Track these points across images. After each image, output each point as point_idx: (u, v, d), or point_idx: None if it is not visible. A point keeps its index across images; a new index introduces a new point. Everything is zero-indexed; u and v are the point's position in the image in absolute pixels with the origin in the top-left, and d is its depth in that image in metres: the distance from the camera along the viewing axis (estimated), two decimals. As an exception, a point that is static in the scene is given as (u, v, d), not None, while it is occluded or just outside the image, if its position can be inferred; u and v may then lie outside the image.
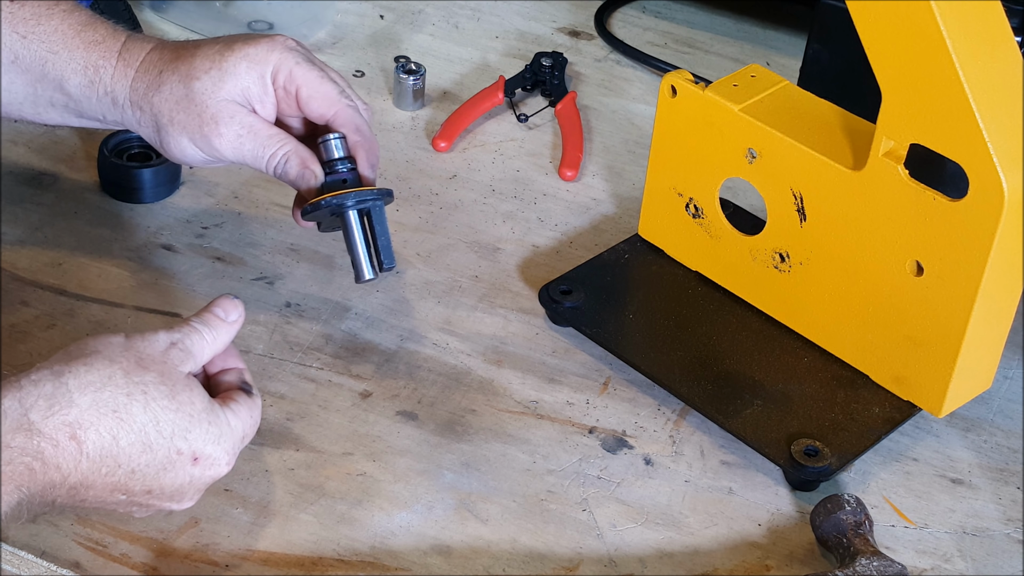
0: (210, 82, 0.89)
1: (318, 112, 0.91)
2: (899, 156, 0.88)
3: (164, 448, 0.74)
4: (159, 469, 0.75)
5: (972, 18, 0.83)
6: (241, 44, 0.90)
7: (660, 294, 1.03)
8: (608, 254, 1.06)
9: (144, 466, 0.74)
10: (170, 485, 0.76)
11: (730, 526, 0.88)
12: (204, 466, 0.76)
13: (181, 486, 0.76)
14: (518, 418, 0.94)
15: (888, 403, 0.94)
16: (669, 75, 0.98)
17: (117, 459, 0.73)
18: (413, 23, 1.35)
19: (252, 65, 0.90)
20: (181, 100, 0.89)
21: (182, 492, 0.77)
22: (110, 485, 0.74)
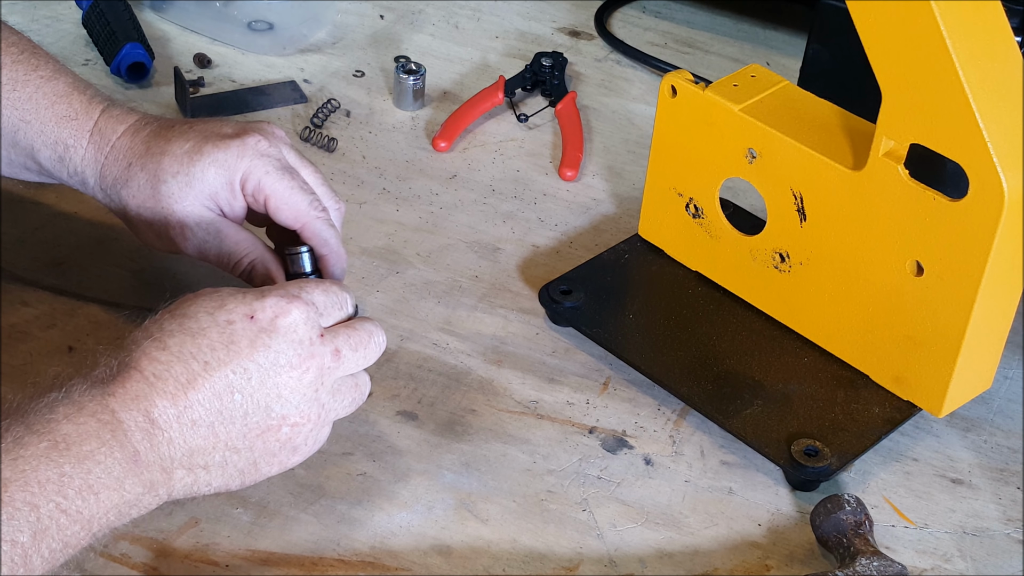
0: (177, 186, 0.88)
1: (286, 223, 0.90)
2: (899, 156, 0.88)
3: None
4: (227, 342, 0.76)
5: (972, 18, 0.83)
6: (211, 147, 0.89)
7: (660, 294, 1.03)
8: (608, 254, 1.06)
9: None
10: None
11: (730, 526, 0.88)
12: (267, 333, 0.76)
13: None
14: (518, 418, 0.94)
15: (888, 403, 0.94)
16: (669, 75, 0.98)
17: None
18: (413, 23, 1.35)
19: (220, 171, 0.88)
20: (148, 199, 0.89)
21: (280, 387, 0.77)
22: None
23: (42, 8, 1.32)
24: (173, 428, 0.74)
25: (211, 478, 0.77)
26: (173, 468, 0.75)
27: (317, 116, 1.20)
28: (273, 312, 0.77)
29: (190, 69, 1.26)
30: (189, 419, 0.74)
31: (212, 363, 0.75)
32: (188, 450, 0.75)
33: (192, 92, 1.20)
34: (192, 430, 0.75)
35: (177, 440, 0.74)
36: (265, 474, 0.79)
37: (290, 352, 0.77)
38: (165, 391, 0.74)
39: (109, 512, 0.72)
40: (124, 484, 0.72)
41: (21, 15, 1.31)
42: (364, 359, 0.81)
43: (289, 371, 0.77)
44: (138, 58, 1.21)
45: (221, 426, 0.75)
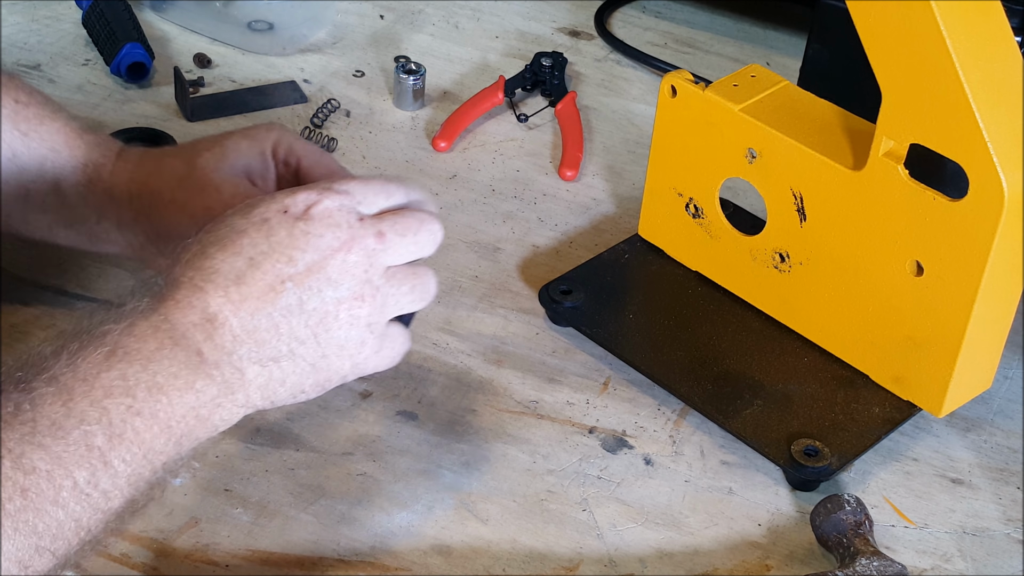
0: (212, 158, 0.89)
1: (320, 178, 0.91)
2: (899, 156, 0.88)
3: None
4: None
5: (972, 18, 0.83)
6: (240, 130, 0.92)
7: (660, 294, 1.03)
8: (608, 254, 1.06)
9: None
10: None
11: (730, 526, 0.88)
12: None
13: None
14: (518, 418, 0.94)
15: (888, 403, 0.94)
16: (669, 75, 0.98)
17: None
18: (413, 23, 1.35)
19: (252, 143, 0.91)
20: (183, 178, 0.89)
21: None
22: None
23: (42, 8, 1.32)
24: (232, 322, 0.74)
25: (284, 374, 0.76)
26: (243, 365, 0.74)
27: (317, 116, 1.20)
28: (305, 203, 0.76)
29: (190, 69, 1.26)
30: (247, 311, 0.74)
31: (256, 257, 0.75)
32: (254, 343, 0.74)
33: (192, 92, 1.20)
34: (252, 321, 0.74)
35: (240, 334, 0.74)
36: (338, 371, 0.78)
37: (329, 236, 0.76)
38: (216, 290, 0.74)
39: (187, 415, 0.72)
40: (195, 384, 0.72)
41: (21, 15, 1.31)
42: (415, 246, 0.80)
43: (332, 254, 0.76)
44: (138, 58, 1.21)
45: (279, 315, 0.75)
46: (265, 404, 0.76)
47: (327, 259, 0.76)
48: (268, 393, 0.76)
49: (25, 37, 1.28)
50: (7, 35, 1.28)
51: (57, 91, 1.21)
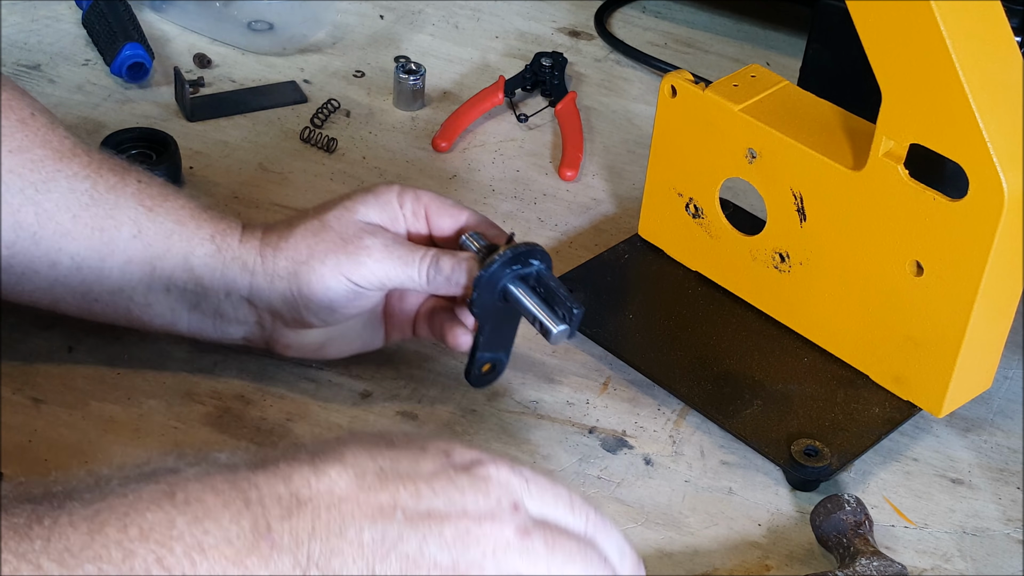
0: (343, 210, 0.88)
1: (450, 222, 0.90)
2: (899, 156, 0.88)
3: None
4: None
5: (972, 18, 0.83)
6: (362, 188, 0.90)
7: (660, 294, 1.03)
8: (608, 254, 1.06)
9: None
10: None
11: (730, 526, 0.88)
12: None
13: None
14: (518, 418, 0.94)
15: (888, 403, 0.94)
16: (669, 75, 0.98)
17: None
18: (413, 23, 1.35)
19: (378, 195, 0.89)
20: (318, 231, 0.87)
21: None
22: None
23: (42, 8, 1.32)
24: (321, 512, 0.63)
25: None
26: (308, 564, 0.63)
27: (317, 116, 1.20)
28: (472, 457, 0.67)
29: (190, 69, 1.26)
30: (340, 511, 0.64)
31: (388, 472, 0.65)
32: (329, 548, 0.63)
33: (192, 92, 1.21)
34: (340, 523, 0.64)
35: (321, 528, 0.63)
36: None
37: (471, 499, 0.66)
38: (327, 473, 0.64)
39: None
40: (245, 560, 0.61)
41: (21, 15, 1.31)
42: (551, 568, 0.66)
43: (461, 517, 0.65)
44: (138, 58, 1.21)
45: (370, 538, 0.64)
46: None
47: (453, 518, 0.65)
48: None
49: (25, 37, 1.28)
50: (7, 35, 1.28)
51: (57, 91, 1.21)
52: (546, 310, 0.86)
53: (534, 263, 0.86)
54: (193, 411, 0.92)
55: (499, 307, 0.87)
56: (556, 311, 0.86)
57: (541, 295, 0.86)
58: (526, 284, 0.87)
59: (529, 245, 0.86)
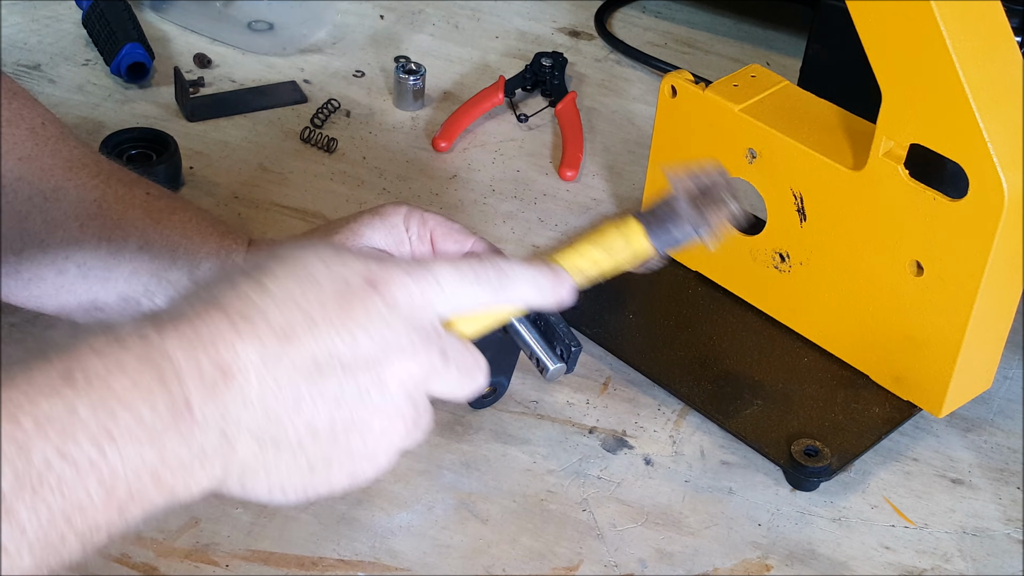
0: (350, 233, 0.86)
1: (455, 247, 0.88)
2: (899, 156, 0.88)
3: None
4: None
5: (972, 18, 0.83)
6: (369, 210, 0.88)
7: (660, 294, 1.02)
8: (608, 254, 1.06)
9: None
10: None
11: (730, 526, 0.88)
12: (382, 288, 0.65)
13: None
14: (518, 418, 0.94)
15: (888, 403, 0.94)
16: (669, 75, 0.98)
17: None
18: (413, 23, 1.35)
19: (384, 218, 0.87)
20: None
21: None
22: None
23: (42, 8, 1.32)
24: (252, 382, 0.60)
25: (277, 464, 0.63)
26: (239, 436, 0.60)
27: (317, 116, 1.20)
28: (396, 285, 0.65)
29: (190, 69, 1.26)
30: (274, 378, 0.60)
31: (320, 321, 0.62)
32: (264, 414, 0.61)
33: (192, 92, 1.21)
34: (275, 391, 0.61)
35: (253, 398, 0.60)
36: (334, 484, 0.65)
37: (404, 337, 0.65)
38: (254, 335, 0.60)
39: (141, 474, 0.57)
40: (164, 441, 0.57)
41: (21, 15, 1.31)
42: (456, 387, 0.69)
43: (400, 360, 0.64)
44: (138, 58, 1.21)
45: (309, 397, 0.62)
46: (234, 488, 0.63)
47: (392, 363, 0.64)
48: (246, 479, 0.62)
49: (25, 37, 1.28)
50: (7, 35, 1.28)
51: (57, 91, 1.21)
52: (544, 346, 0.86)
53: None
54: (193, 411, 0.91)
55: (499, 338, 0.88)
56: (554, 348, 0.86)
57: (541, 330, 0.87)
58: (527, 319, 0.87)
59: None
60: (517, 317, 0.86)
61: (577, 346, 0.85)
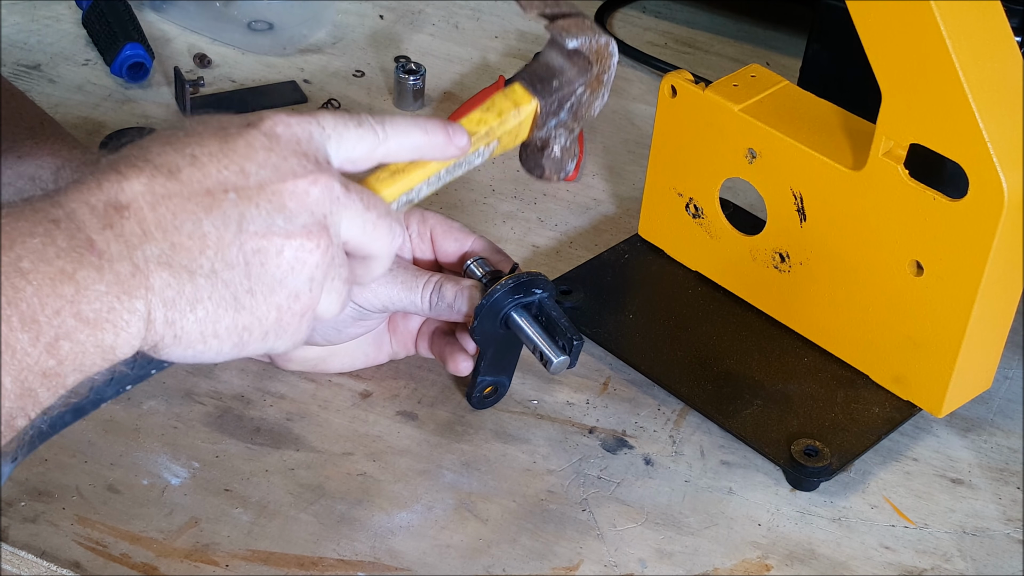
0: None
1: (455, 246, 0.89)
2: (899, 156, 0.88)
3: None
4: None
5: (972, 18, 0.83)
6: None
7: (660, 294, 1.03)
8: (608, 254, 1.06)
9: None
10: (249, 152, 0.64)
11: (730, 526, 0.88)
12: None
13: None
14: (518, 418, 0.94)
15: (888, 403, 0.94)
16: (669, 75, 0.98)
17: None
18: (413, 23, 1.35)
19: None
20: None
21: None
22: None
23: (42, 8, 1.32)
24: (146, 214, 0.60)
25: (198, 294, 0.62)
26: (148, 266, 0.60)
27: (317, 116, 1.20)
28: (274, 122, 0.66)
29: (190, 69, 1.26)
30: (169, 208, 0.61)
31: (201, 157, 0.63)
32: (169, 244, 0.61)
33: (192, 92, 1.20)
34: (173, 220, 0.61)
35: (153, 229, 0.60)
36: (260, 320, 0.65)
37: (294, 161, 0.65)
38: (139, 176, 0.61)
39: (63, 311, 0.58)
40: (75, 274, 0.58)
41: (21, 15, 1.31)
42: (371, 229, 0.69)
43: (294, 180, 0.64)
44: (138, 58, 1.21)
45: (211, 225, 0.62)
46: (167, 334, 0.62)
47: (286, 183, 0.64)
48: (174, 314, 0.62)
49: (25, 37, 1.28)
50: (7, 35, 1.28)
51: (57, 91, 1.21)
52: (547, 340, 0.87)
53: (537, 292, 0.87)
54: (193, 411, 0.92)
55: (501, 334, 0.88)
56: (557, 341, 0.87)
57: (543, 324, 0.87)
58: (528, 313, 0.87)
59: (532, 274, 0.87)
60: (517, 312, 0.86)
61: (579, 339, 0.86)
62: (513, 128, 0.81)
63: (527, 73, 0.82)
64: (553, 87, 0.81)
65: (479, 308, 0.86)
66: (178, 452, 0.89)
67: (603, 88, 0.84)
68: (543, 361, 0.87)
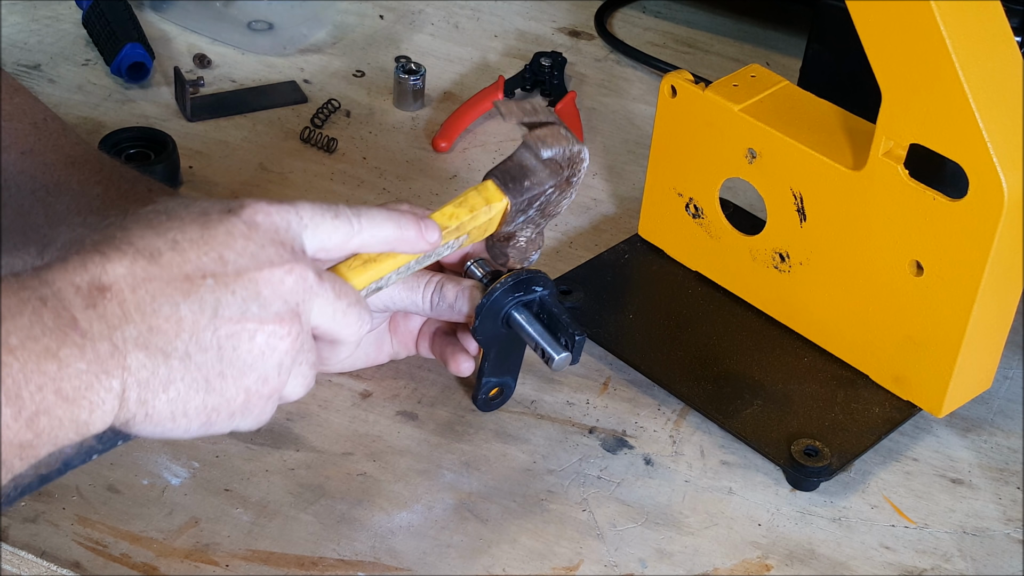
0: None
1: (454, 257, 0.90)
2: (899, 156, 0.88)
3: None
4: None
5: (972, 18, 0.83)
6: None
7: (660, 294, 1.03)
8: (608, 254, 1.06)
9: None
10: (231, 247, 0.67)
11: (730, 526, 0.88)
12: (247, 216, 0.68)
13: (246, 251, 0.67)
14: (518, 418, 0.94)
15: (888, 403, 0.94)
16: (669, 75, 0.98)
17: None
18: (413, 23, 1.35)
19: None
20: None
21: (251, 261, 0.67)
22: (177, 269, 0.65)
23: (42, 8, 1.32)
24: (127, 296, 0.63)
25: (171, 376, 0.65)
26: (126, 347, 0.63)
27: (317, 116, 1.20)
28: (253, 210, 0.69)
29: (190, 69, 1.26)
30: (148, 291, 0.64)
31: (182, 243, 0.66)
32: (147, 327, 0.64)
33: (192, 92, 1.20)
34: (152, 304, 0.64)
35: (132, 312, 0.63)
36: (229, 402, 0.68)
37: (271, 251, 0.68)
38: (121, 259, 0.64)
39: (44, 387, 0.60)
40: (59, 352, 0.61)
41: (21, 15, 1.31)
42: (340, 316, 0.71)
43: (270, 269, 0.67)
44: (138, 58, 1.21)
45: (187, 309, 0.65)
46: (139, 412, 0.65)
47: (263, 271, 0.67)
48: (147, 394, 0.65)
49: (25, 37, 1.28)
50: (7, 35, 1.28)
51: (57, 91, 1.21)
52: (548, 337, 0.87)
53: (537, 290, 0.87)
54: (193, 411, 0.91)
55: (503, 334, 0.88)
56: (558, 338, 0.87)
57: (544, 322, 0.88)
58: (529, 311, 0.88)
59: (531, 272, 0.87)
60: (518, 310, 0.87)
61: (581, 334, 0.86)
62: (483, 224, 0.83)
63: (500, 171, 0.84)
64: (524, 187, 0.85)
65: (479, 307, 0.86)
66: (178, 452, 0.89)
67: (572, 189, 0.88)
68: (545, 358, 0.87)
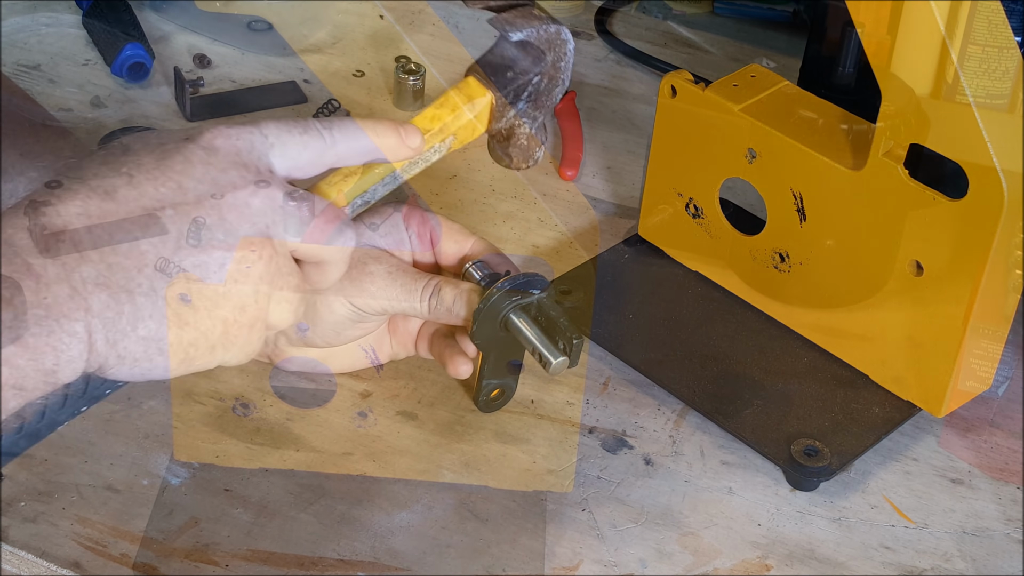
0: None
1: (455, 248, 0.90)
2: (899, 156, 0.88)
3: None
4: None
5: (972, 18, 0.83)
6: (369, 210, 0.88)
7: (660, 294, 1.03)
8: (608, 254, 1.06)
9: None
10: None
11: (730, 526, 0.88)
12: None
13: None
14: (518, 418, 0.94)
15: (888, 403, 0.94)
16: (669, 75, 0.98)
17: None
18: (413, 23, 1.35)
19: (384, 218, 0.88)
20: None
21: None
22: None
23: (42, 8, 1.32)
24: (82, 236, 0.61)
25: (140, 312, 0.62)
26: (87, 287, 0.61)
27: (317, 116, 1.20)
28: (212, 134, 0.66)
29: (190, 69, 1.26)
30: (104, 229, 0.62)
31: (138, 176, 0.63)
32: (106, 265, 0.61)
33: (192, 92, 1.20)
34: (108, 240, 0.62)
35: (88, 249, 0.61)
36: (209, 332, 0.66)
37: (233, 173, 0.65)
38: (74, 199, 0.62)
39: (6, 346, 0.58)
40: (12, 300, 0.59)
41: (21, 15, 1.31)
42: (317, 234, 0.69)
43: (234, 192, 0.65)
44: (138, 58, 1.21)
45: (149, 243, 0.63)
46: (110, 354, 0.63)
47: (225, 197, 0.65)
48: (115, 335, 0.62)
49: (25, 37, 1.28)
50: (7, 35, 1.28)
51: (57, 91, 1.21)
52: (546, 341, 0.87)
53: (534, 293, 0.87)
54: (193, 411, 0.92)
55: (501, 337, 0.88)
56: (556, 342, 0.87)
57: (542, 325, 0.87)
58: (527, 314, 0.87)
59: (529, 275, 0.87)
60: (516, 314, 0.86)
61: (579, 338, 0.86)
62: (468, 123, 0.81)
63: (480, 65, 0.82)
64: (507, 79, 0.81)
65: (477, 312, 0.86)
66: (178, 452, 0.89)
67: (561, 75, 0.83)
68: (542, 363, 0.87)
